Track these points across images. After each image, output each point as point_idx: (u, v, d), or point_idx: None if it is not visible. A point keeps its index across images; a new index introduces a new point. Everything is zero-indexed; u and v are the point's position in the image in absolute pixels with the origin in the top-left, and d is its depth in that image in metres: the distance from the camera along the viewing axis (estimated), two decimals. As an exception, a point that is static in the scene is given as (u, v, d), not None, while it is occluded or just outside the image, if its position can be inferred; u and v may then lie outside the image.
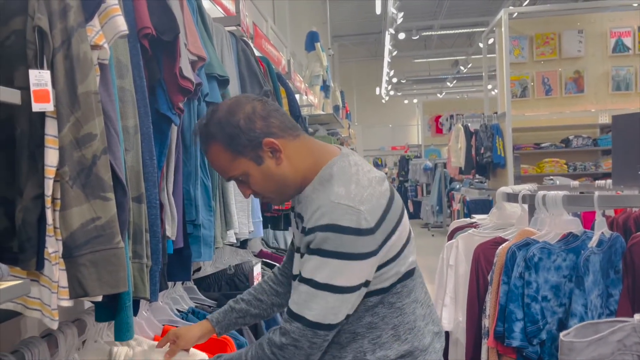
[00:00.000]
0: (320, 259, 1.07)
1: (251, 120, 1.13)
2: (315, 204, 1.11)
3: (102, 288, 0.93)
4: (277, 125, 1.15)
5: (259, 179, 1.16)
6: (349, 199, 1.09)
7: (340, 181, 1.13)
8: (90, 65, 0.94)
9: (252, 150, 1.13)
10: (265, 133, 1.14)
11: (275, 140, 1.14)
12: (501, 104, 6.07)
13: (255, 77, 2.15)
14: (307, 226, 1.11)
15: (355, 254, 1.07)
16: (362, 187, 1.12)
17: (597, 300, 1.69)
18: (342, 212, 1.07)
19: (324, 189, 1.13)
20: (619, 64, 6.01)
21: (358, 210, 1.08)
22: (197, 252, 1.54)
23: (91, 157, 0.93)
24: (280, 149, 1.15)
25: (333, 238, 1.06)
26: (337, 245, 1.06)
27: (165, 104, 1.26)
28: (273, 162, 1.15)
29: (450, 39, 14.61)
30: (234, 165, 1.15)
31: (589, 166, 6.18)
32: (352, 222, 1.06)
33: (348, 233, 1.06)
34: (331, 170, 1.16)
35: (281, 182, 1.18)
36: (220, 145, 1.13)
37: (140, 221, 1.12)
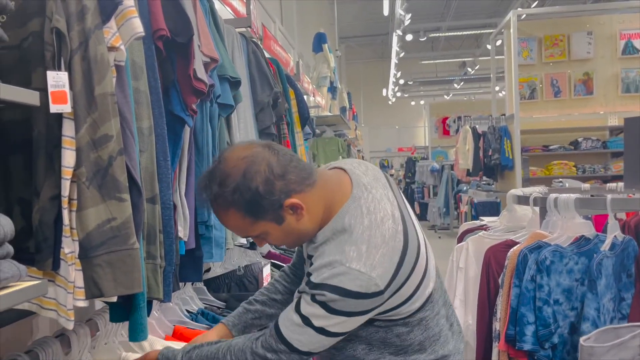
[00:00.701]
0: (322, 311, 1.06)
1: (270, 182, 1.07)
2: (326, 259, 1.08)
3: (117, 289, 0.93)
4: (295, 181, 1.10)
5: (279, 236, 1.15)
6: (361, 264, 1.05)
7: (352, 239, 1.08)
8: (107, 66, 0.94)
9: (273, 212, 1.10)
10: (285, 193, 1.09)
11: (296, 199, 1.10)
12: (509, 106, 6.05)
13: (266, 79, 2.15)
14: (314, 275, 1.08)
15: (358, 312, 1.07)
16: (374, 248, 1.07)
17: (609, 304, 1.68)
18: (352, 277, 1.04)
19: (335, 244, 1.09)
20: (628, 65, 5.98)
21: (369, 276, 1.05)
22: (209, 253, 1.54)
23: (107, 158, 0.93)
24: (302, 206, 1.11)
25: (339, 300, 1.05)
26: (342, 306, 1.05)
27: (179, 105, 1.26)
28: (294, 218, 1.12)
29: (457, 40, 14.58)
30: (253, 228, 1.11)
31: (598, 169, 6.15)
32: (361, 287, 1.04)
33: (356, 297, 1.05)
34: (343, 222, 1.11)
35: (301, 235, 1.16)
36: (239, 213, 1.08)
37: (154, 222, 1.12)
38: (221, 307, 2.04)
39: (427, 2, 10.02)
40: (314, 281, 1.07)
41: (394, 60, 11.93)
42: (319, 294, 1.06)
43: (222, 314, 1.95)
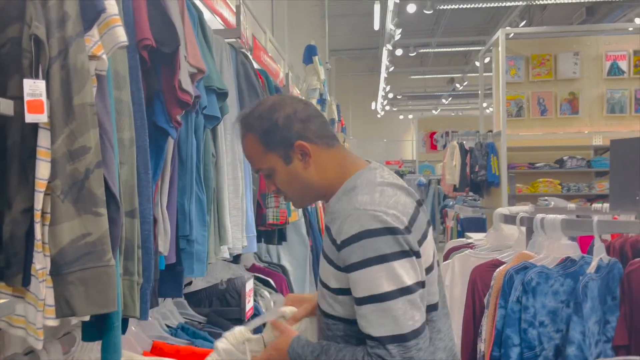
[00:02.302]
0: (364, 271, 1.04)
1: (290, 120, 1.16)
2: (341, 216, 1.10)
3: (90, 308, 0.89)
4: (314, 131, 1.18)
5: (284, 178, 1.19)
6: (374, 205, 1.07)
7: (364, 190, 1.12)
8: (88, 76, 0.91)
9: (284, 148, 1.16)
10: (299, 135, 1.16)
11: (307, 145, 1.16)
12: (496, 123, 6.09)
13: (254, 91, 2.13)
14: (338, 240, 1.09)
15: (396, 252, 1.04)
16: (387, 196, 1.10)
17: (594, 327, 1.67)
18: (369, 217, 1.05)
19: (347, 199, 1.12)
20: (613, 87, 6.06)
21: (386, 213, 1.06)
22: (190, 268, 1.50)
23: (84, 170, 0.89)
24: (310, 153, 1.17)
25: (369, 244, 1.03)
26: (374, 249, 1.03)
27: (163, 116, 1.23)
28: (301, 164, 1.17)
29: (446, 56, 14.73)
30: (263, 159, 1.18)
31: (583, 187, 6.20)
32: (381, 223, 1.04)
33: (381, 234, 1.04)
34: (355, 182, 1.16)
35: (304, 186, 1.19)
36: (255, 137, 1.17)
37: (133, 237, 1.09)
38: (202, 322, 2.00)
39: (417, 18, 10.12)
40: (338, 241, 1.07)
41: (384, 74, 12.00)
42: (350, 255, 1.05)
43: (203, 329, 1.91)
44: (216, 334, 1.84)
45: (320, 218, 5.16)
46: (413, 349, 1.03)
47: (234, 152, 1.93)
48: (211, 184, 1.62)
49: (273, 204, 2.42)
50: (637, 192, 2.02)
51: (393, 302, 1.03)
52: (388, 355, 1.02)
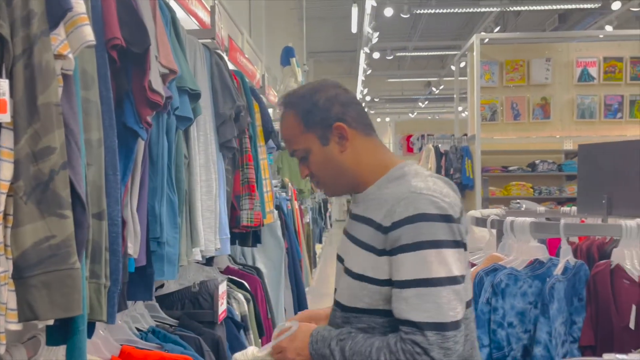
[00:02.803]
0: (415, 254, 1.02)
1: (330, 102, 1.18)
2: (393, 198, 1.09)
3: (53, 311, 0.87)
4: (353, 116, 1.19)
5: (319, 160, 1.19)
6: (430, 190, 1.07)
7: (417, 178, 1.12)
8: (53, 75, 0.89)
9: (322, 129, 1.17)
10: (338, 118, 1.17)
11: (346, 128, 1.17)
12: (471, 127, 6.19)
13: (229, 92, 2.11)
14: (387, 222, 1.07)
15: (449, 241, 1.03)
16: (439, 186, 1.11)
17: (561, 327, 1.71)
18: (426, 201, 1.05)
19: (398, 185, 1.12)
20: (584, 92, 6.22)
21: (442, 200, 1.06)
22: (160, 271, 1.49)
23: (49, 171, 0.88)
24: (348, 137, 1.17)
25: (424, 227, 1.02)
26: (430, 234, 1.02)
27: (133, 117, 1.21)
28: (338, 147, 1.18)
29: (423, 60, 14.89)
30: (301, 138, 1.19)
31: (554, 190, 6.34)
32: (438, 209, 1.04)
33: (438, 220, 1.03)
34: (402, 171, 1.16)
35: (339, 170, 1.19)
36: (295, 116, 1.19)
37: (100, 239, 1.07)
38: (174, 325, 1.97)
39: (394, 21, 10.21)
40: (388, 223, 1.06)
41: (361, 77, 12.07)
42: (401, 236, 1.04)
43: (174, 332, 1.89)
44: (188, 337, 1.82)
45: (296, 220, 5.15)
46: (451, 340, 1.01)
47: (207, 153, 1.92)
48: (183, 186, 1.61)
49: (247, 205, 2.40)
50: (603, 195, 2.08)
51: (440, 289, 1.01)
52: (425, 342, 1.00)
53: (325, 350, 1.11)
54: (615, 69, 6.20)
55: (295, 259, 3.84)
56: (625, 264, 1.67)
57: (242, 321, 2.35)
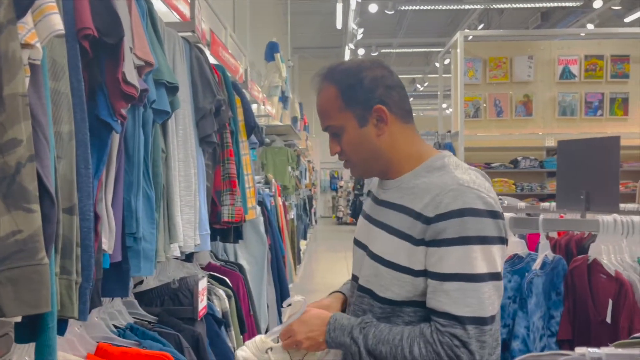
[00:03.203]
0: (461, 248, 1.02)
1: (375, 82, 1.14)
2: (437, 188, 1.07)
3: (20, 308, 0.84)
4: (395, 101, 1.15)
5: (353, 140, 1.15)
6: (476, 185, 1.06)
7: (459, 170, 1.10)
8: (19, 65, 0.86)
9: (362, 109, 1.13)
10: (381, 100, 1.14)
11: (387, 112, 1.14)
12: (455, 123, 6.22)
13: (209, 86, 2.09)
14: (431, 213, 1.05)
15: (495, 237, 1.03)
16: (482, 180, 1.10)
17: (539, 322, 1.72)
18: (474, 195, 1.04)
19: (439, 175, 1.10)
20: (565, 90, 6.29)
21: (488, 195, 1.05)
22: (137, 267, 1.46)
23: (15, 164, 0.85)
24: (387, 121, 1.14)
25: (472, 222, 1.01)
26: (477, 229, 1.01)
27: (106, 109, 1.18)
28: (375, 130, 1.15)
29: (408, 57, 14.93)
30: (338, 115, 1.15)
31: (535, 187, 6.41)
32: (486, 205, 1.03)
33: (485, 216, 1.02)
34: (442, 161, 1.13)
35: (373, 154, 1.16)
36: (336, 90, 1.14)
37: (71, 234, 1.04)
38: (152, 322, 1.95)
39: (379, 18, 10.22)
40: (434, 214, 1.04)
41: (346, 73, 12.05)
42: (446, 229, 1.02)
43: (153, 329, 1.86)
44: (167, 334, 1.80)
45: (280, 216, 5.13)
46: (488, 334, 1.01)
47: (186, 148, 1.89)
48: (160, 180, 1.58)
49: (228, 201, 2.38)
50: (582, 191, 2.10)
51: (483, 285, 1.01)
52: (465, 335, 1.00)
53: (345, 338, 1.09)
54: (596, 67, 6.28)
55: (278, 255, 3.82)
56: (602, 259, 1.69)
57: (223, 317, 2.33)
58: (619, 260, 1.68)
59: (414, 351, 1.04)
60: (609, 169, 2.02)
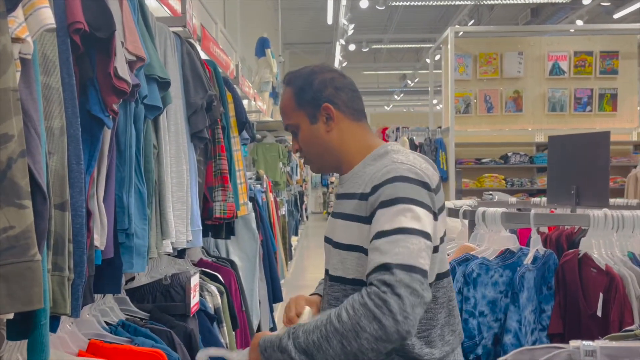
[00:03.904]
0: (392, 208, 1.08)
1: (324, 84, 1.26)
2: (375, 169, 1.17)
3: (12, 305, 0.84)
4: (344, 100, 1.27)
5: (306, 136, 1.28)
6: (410, 162, 1.15)
7: (399, 154, 1.20)
8: (10, 59, 0.85)
9: (312, 108, 1.26)
10: (329, 100, 1.26)
11: (334, 109, 1.26)
12: (445, 119, 6.24)
13: (200, 81, 2.07)
14: (368, 188, 1.15)
15: (424, 203, 1.10)
16: (419, 162, 1.19)
17: (530, 316, 1.74)
18: (405, 169, 1.13)
19: (381, 160, 1.20)
20: (555, 86, 6.34)
21: (419, 169, 1.14)
22: (129, 263, 1.45)
23: (6, 160, 0.84)
24: (334, 118, 1.26)
25: (402, 186, 1.10)
26: (406, 192, 1.09)
27: (98, 104, 1.17)
28: (324, 127, 1.26)
29: (398, 53, 14.94)
30: (292, 114, 1.29)
31: (525, 182, 6.46)
32: (416, 175, 1.12)
33: (415, 183, 1.11)
34: (386, 149, 1.24)
35: (324, 148, 1.27)
36: (291, 92, 1.29)
37: (63, 230, 1.03)
38: (144, 319, 1.94)
39: (370, 13, 10.21)
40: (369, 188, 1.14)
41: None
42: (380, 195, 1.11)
43: (145, 326, 1.85)
44: (159, 331, 1.79)
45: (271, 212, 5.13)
46: (417, 282, 0.99)
47: (178, 144, 1.88)
48: (152, 176, 1.57)
49: (220, 197, 2.37)
50: (572, 186, 2.12)
51: (412, 237, 1.05)
52: (392, 278, 0.98)
53: (276, 353, 1.07)
54: (585, 63, 6.33)
55: (270, 251, 3.82)
56: (592, 253, 1.71)
57: (215, 314, 2.32)
58: (610, 255, 1.69)
59: (342, 318, 1.00)
60: (599, 164, 2.04)
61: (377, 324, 0.95)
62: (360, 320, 0.97)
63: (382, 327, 0.95)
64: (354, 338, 0.97)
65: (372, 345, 0.96)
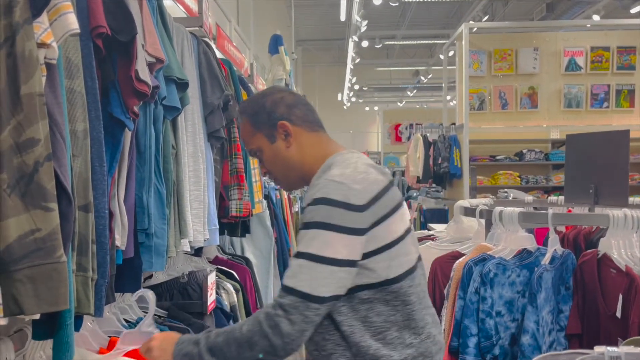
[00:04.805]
0: (310, 232, 1.12)
1: (275, 104, 1.29)
2: (314, 186, 1.20)
3: (40, 306, 0.86)
4: (298, 115, 1.29)
5: (269, 157, 1.31)
6: (342, 177, 1.15)
7: (339, 166, 1.21)
8: (36, 64, 0.87)
9: (268, 128, 1.29)
10: (283, 117, 1.28)
11: (289, 125, 1.28)
12: (459, 116, 6.20)
13: (217, 81, 2.09)
14: (305, 205, 1.18)
15: (342, 226, 1.11)
16: (357, 172, 1.18)
17: (548, 316, 1.73)
18: (333, 187, 1.13)
19: (325, 173, 1.21)
20: (571, 82, 6.25)
21: (349, 187, 1.13)
22: (149, 262, 1.47)
23: (33, 163, 0.86)
24: (291, 133, 1.28)
25: (323, 210, 1.11)
26: (326, 216, 1.11)
27: (119, 107, 1.19)
28: (284, 144, 1.29)
29: (412, 49, 14.85)
30: (252, 139, 1.31)
31: (541, 179, 6.39)
32: (341, 196, 1.12)
33: (337, 206, 1.11)
34: (334, 160, 1.25)
35: (287, 165, 1.29)
36: (246, 119, 1.32)
37: (87, 232, 1.05)
38: (163, 316, 1.96)
39: (383, 10, 10.16)
40: (305, 204, 1.17)
41: (350, 66, 12.02)
42: (305, 216, 1.14)
43: (164, 323, 1.88)
44: (177, 328, 1.81)
45: (285, 210, 5.14)
46: (312, 311, 1.09)
47: (195, 143, 1.89)
48: (171, 176, 1.59)
49: (236, 196, 2.39)
50: (590, 185, 2.10)
51: (318, 266, 1.10)
52: (289, 305, 1.09)
53: (189, 347, 1.17)
54: (602, 59, 6.24)
55: (284, 248, 3.84)
56: (612, 254, 1.69)
57: (231, 311, 2.35)
58: (630, 255, 1.67)
59: (242, 330, 1.13)
60: (617, 163, 2.02)
61: (267, 342, 1.09)
62: (254, 336, 1.10)
63: (271, 345, 1.09)
64: (248, 349, 1.11)
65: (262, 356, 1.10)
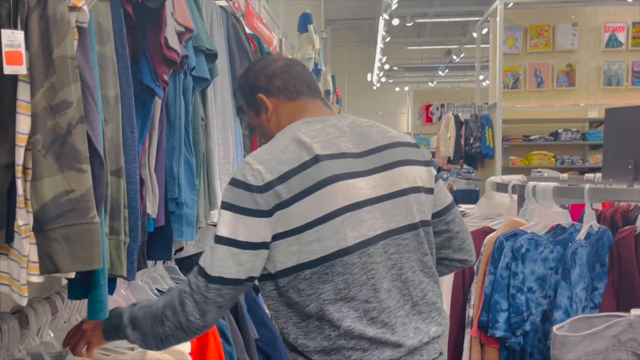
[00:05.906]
0: (220, 211, 1.13)
1: (257, 77, 1.27)
2: None
3: (74, 264, 0.88)
4: (277, 86, 1.25)
5: (260, 131, 1.32)
6: (251, 156, 1.14)
7: (270, 142, 1.19)
8: (68, 27, 0.88)
9: (253, 103, 1.28)
10: (262, 90, 1.26)
11: (266, 99, 1.25)
12: (492, 95, 6.05)
13: (245, 54, 2.08)
14: None
15: (242, 207, 1.09)
16: (272, 150, 1.13)
17: (582, 293, 1.69)
18: (241, 167, 1.13)
19: None
20: (611, 59, 6.02)
21: (251, 167, 1.11)
22: (179, 231, 1.49)
23: (66, 125, 0.87)
24: (268, 106, 1.26)
25: (227, 191, 1.12)
26: (228, 197, 1.11)
27: (149, 74, 1.20)
28: (265, 117, 1.28)
29: (443, 27, 14.51)
30: (248, 115, 1.33)
31: (577, 160, 6.22)
32: (242, 177, 1.10)
33: (238, 187, 1.10)
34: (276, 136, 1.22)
35: (268, 139, 1.25)
36: (238, 94, 1.38)
37: (119, 196, 1.07)
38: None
39: (415, -13, 9.94)
40: None
41: (380, 45, 11.85)
42: None
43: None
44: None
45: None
46: (213, 292, 1.10)
47: (224, 116, 1.90)
48: (200, 148, 1.60)
49: (265, 171, 2.40)
50: (630, 161, 2.02)
51: (219, 247, 1.10)
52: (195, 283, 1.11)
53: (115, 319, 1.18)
54: (645, 34, 5.97)
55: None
56: (651, 230, 1.63)
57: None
58: (669, 231, 1.62)
59: (158, 304, 1.15)
60: (659, 138, 1.93)
61: (176, 318, 1.12)
62: (166, 311, 1.13)
63: (179, 322, 1.12)
64: (160, 324, 1.13)
65: (172, 332, 1.13)
